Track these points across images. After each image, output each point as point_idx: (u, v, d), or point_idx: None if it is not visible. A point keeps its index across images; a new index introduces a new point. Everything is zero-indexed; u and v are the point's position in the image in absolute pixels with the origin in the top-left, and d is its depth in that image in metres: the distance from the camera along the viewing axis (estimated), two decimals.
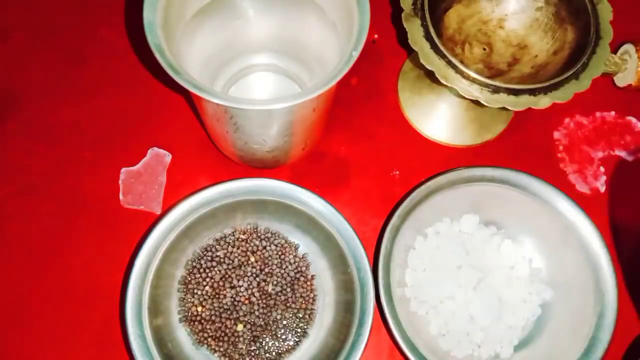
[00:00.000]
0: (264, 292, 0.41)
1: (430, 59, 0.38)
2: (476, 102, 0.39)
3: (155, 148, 0.47)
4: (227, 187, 0.40)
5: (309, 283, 0.42)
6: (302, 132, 0.40)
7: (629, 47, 0.47)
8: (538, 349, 0.41)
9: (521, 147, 0.49)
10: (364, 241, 0.39)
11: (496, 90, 0.38)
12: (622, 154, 0.50)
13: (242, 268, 0.42)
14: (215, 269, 0.41)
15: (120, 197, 0.45)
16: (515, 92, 0.38)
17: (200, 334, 0.40)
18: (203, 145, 0.47)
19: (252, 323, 0.41)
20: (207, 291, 0.41)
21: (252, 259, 0.42)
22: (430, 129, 0.49)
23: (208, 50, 0.43)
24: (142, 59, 0.50)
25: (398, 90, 0.50)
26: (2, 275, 0.43)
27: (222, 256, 0.42)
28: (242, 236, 0.43)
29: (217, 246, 0.42)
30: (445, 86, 0.39)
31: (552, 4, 0.42)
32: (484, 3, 0.44)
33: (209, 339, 0.40)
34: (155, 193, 0.46)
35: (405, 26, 0.39)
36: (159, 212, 0.45)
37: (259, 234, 0.43)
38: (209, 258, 0.42)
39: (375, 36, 0.52)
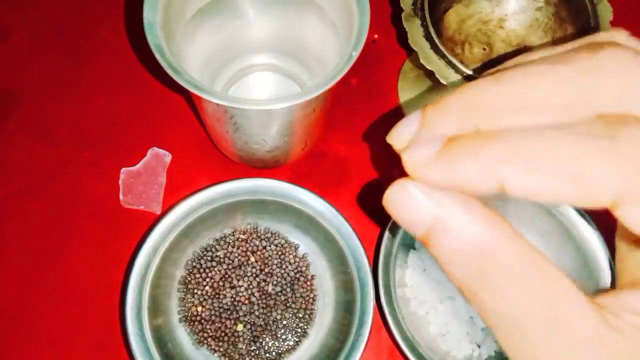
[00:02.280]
0: (264, 292, 0.41)
1: (430, 59, 0.38)
2: None
3: (155, 148, 0.47)
4: (227, 187, 0.40)
5: (309, 283, 0.42)
6: (302, 132, 0.40)
7: None
8: None
9: None
10: (364, 241, 0.39)
11: None
12: None
13: (242, 268, 0.42)
14: (215, 269, 0.41)
15: (120, 197, 0.45)
16: None
17: (200, 334, 0.40)
18: (203, 145, 0.47)
19: (252, 323, 0.41)
20: (207, 291, 0.41)
21: (252, 259, 0.42)
22: None
23: (208, 50, 0.43)
24: (142, 58, 0.50)
25: (398, 90, 0.50)
26: (2, 275, 0.43)
27: (222, 256, 0.42)
28: (242, 236, 0.43)
29: (217, 246, 0.42)
30: (446, 86, 0.39)
31: (552, 4, 0.42)
32: (484, 3, 0.44)
33: (209, 339, 0.40)
34: (155, 193, 0.45)
35: (405, 26, 0.39)
36: (159, 212, 0.45)
37: (259, 234, 0.43)
38: (209, 258, 0.42)
39: (375, 36, 0.52)
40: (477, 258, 0.14)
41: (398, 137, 0.15)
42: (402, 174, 0.15)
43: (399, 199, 0.15)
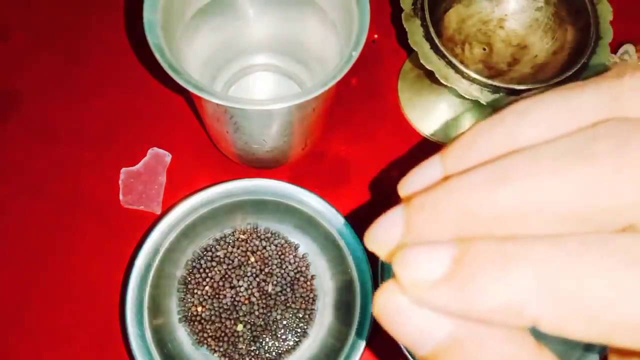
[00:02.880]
0: (264, 292, 0.41)
1: (430, 59, 0.38)
2: (476, 102, 0.39)
3: (155, 148, 0.47)
4: (227, 187, 0.40)
5: (309, 283, 0.42)
6: (302, 132, 0.40)
7: (628, 47, 0.47)
8: None
9: None
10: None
11: (496, 90, 0.38)
12: None
13: (242, 268, 0.42)
14: (215, 269, 0.41)
15: (120, 197, 0.45)
16: (515, 92, 0.38)
17: (200, 334, 0.40)
18: (203, 145, 0.47)
19: (252, 323, 0.41)
20: (207, 291, 0.41)
21: (252, 259, 0.42)
22: (430, 129, 0.49)
23: (208, 50, 0.43)
24: (142, 59, 0.50)
25: (398, 90, 0.50)
26: (2, 275, 0.43)
27: (222, 256, 0.42)
28: (242, 236, 0.43)
29: (217, 246, 0.42)
30: (445, 86, 0.39)
31: (552, 4, 0.42)
32: (484, 3, 0.44)
33: (209, 339, 0.40)
34: (155, 193, 0.45)
35: (405, 26, 0.39)
36: (159, 212, 0.45)
37: (259, 234, 0.43)
38: (209, 258, 0.42)
39: (375, 36, 0.52)
40: None
41: (378, 243, 0.12)
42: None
43: (397, 309, 0.12)
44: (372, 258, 0.40)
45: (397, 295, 0.11)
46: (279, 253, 0.42)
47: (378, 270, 0.38)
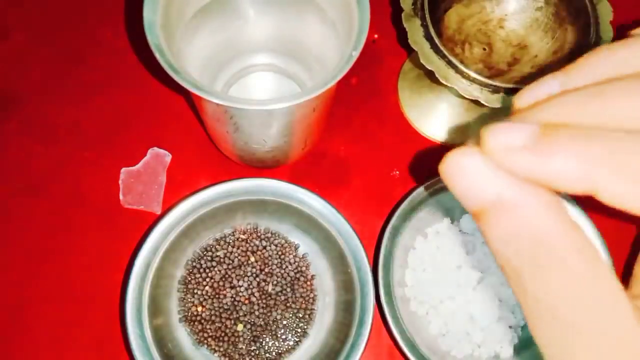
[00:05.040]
0: (264, 292, 0.41)
1: (430, 59, 0.38)
2: (476, 102, 0.39)
3: (155, 148, 0.47)
4: (227, 187, 0.40)
5: (309, 283, 0.42)
6: (302, 132, 0.40)
7: None
8: (538, 349, 0.41)
9: None
10: (364, 241, 0.39)
11: (496, 90, 0.38)
12: None
13: (242, 268, 0.42)
14: (215, 269, 0.41)
15: (120, 197, 0.45)
16: (515, 92, 0.38)
17: (200, 334, 0.40)
18: (203, 145, 0.47)
19: (252, 323, 0.41)
20: (207, 291, 0.41)
21: (252, 259, 0.42)
22: (430, 128, 0.49)
23: (208, 50, 0.43)
24: (142, 59, 0.50)
25: (398, 90, 0.50)
26: (2, 275, 0.43)
27: (222, 256, 0.42)
28: (242, 236, 0.43)
29: (217, 246, 0.42)
30: (445, 86, 0.39)
31: (552, 4, 0.42)
32: (484, 3, 0.44)
33: (209, 339, 0.40)
34: (155, 193, 0.46)
35: (405, 26, 0.39)
36: (159, 212, 0.45)
37: (259, 234, 0.43)
38: (209, 258, 0.42)
39: (375, 36, 0.52)
40: (532, 244, 0.13)
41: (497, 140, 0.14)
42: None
43: (462, 167, 0.14)
44: (372, 258, 0.40)
45: (468, 155, 0.14)
46: (279, 253, 0.42)
47: (378, 270, 0.38)
